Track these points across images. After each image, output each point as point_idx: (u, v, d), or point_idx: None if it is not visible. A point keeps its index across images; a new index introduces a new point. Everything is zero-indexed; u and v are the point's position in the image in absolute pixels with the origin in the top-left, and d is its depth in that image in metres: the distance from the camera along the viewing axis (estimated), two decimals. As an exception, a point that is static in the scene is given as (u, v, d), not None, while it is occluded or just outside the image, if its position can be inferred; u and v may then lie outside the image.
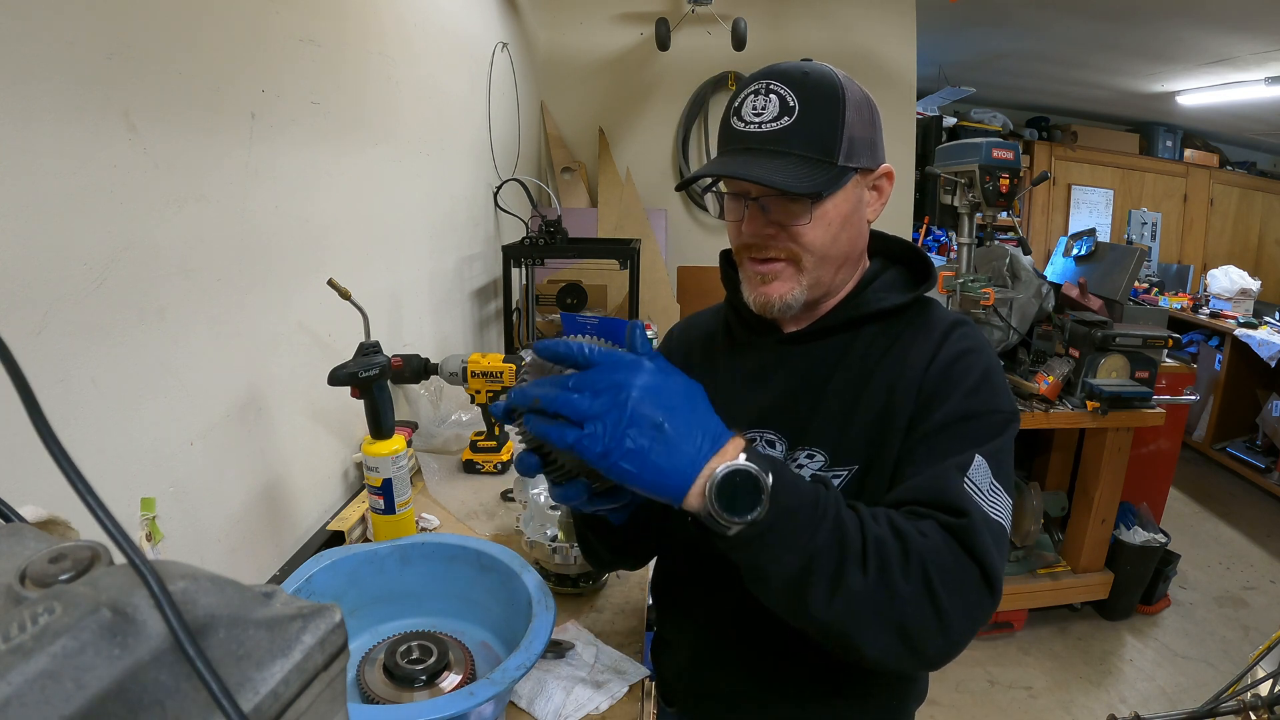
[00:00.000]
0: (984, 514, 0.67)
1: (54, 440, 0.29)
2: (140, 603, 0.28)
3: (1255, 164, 5.93)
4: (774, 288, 0.82)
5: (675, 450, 0.59)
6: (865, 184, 0.82)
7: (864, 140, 0.79)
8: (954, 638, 0.63)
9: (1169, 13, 3.40)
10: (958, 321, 0.83)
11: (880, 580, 0.61)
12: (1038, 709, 2.27)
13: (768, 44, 3.58)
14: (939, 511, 0.67)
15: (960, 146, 2.29)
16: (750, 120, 0.77)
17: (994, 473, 0.71)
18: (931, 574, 0.62)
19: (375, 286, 1.60)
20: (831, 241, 0.80)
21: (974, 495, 0.68)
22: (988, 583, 0.64)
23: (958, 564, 0.63)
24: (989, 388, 0.77)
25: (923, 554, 0.62)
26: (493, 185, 2.58)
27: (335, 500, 1.44)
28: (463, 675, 0.88)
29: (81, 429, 0.81)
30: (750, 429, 0.85)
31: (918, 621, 0.61)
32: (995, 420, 0.75)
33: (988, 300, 2.23)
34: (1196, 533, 3.43)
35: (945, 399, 0.76)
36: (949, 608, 0.61)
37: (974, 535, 0.64)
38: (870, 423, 0.79)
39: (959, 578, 0.63)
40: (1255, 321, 3.94)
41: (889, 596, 0.61)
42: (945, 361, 0.78)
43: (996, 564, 0.65)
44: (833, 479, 0.79)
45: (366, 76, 1.54)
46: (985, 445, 0.72)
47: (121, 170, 0.84)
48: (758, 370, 0.89)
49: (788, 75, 0.77)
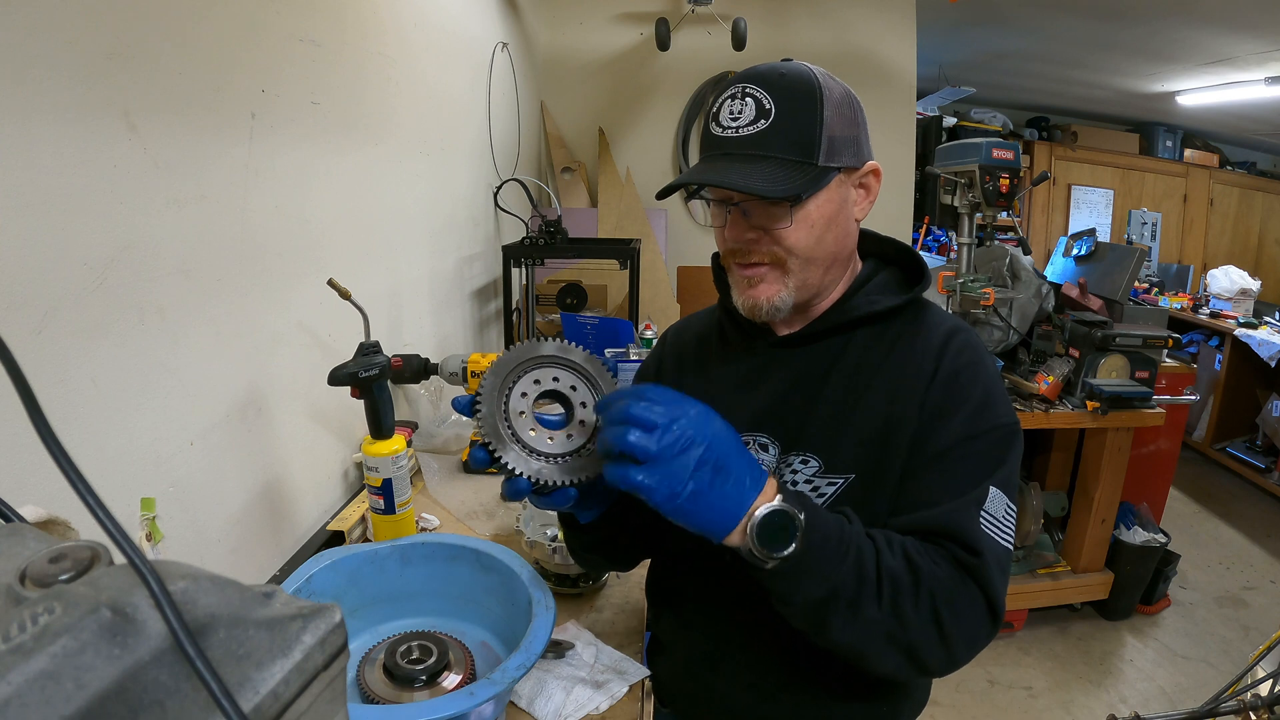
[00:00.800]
0: (995, 550, 0.72)
1: (54, 440, 0.29)
2: (140, 603, 0.28)
3: (1255, 164, 5.93)
4: (761, 290, 0.81)
5: (726, 495, 0.64)
6: (851, 183, 0.81)
7: (845, 139, 0.78)
8: (956, 657, 0.70)
9: (1169, 12, 3.40)
10: (955, 329, 0.83)
11: (893, 609, 0.67)
12: (1038, 709, 2.27)
13: (768, 44, 3.58)
14: (956, 546, 0.71)
15: (960, 146, 2.29)
16: (728, 125, 0.77)
17: (1008, 495, 0.75)
18: (939, 604, 0.68)
19: (375, 286, 1.60)
20: (816, 243, 0.79)
21: (989, 530, 0.72)
22: (991, 611, 0.71)
23: (966, 595, 0.69)
24: (991, 403, 0.78)
25: (933, 586, 0.68)
26: (493, 185, 2.58)
27: (335, 500, 1.44)
28: (463, 675, 0.88)
29: (81, 429, 0.81)
30: (743, 432, 0.85)
31: (924, 644, 0.68)
32: (1000, 436, 0.77)
33: (988, 300, 2.23)
34: (1196, 533, 3.43)
35: (950, 417, 0.77)
36: (953, 632, 0.68)
37: (985, 573, 0.70)
38: (870, 433, 0.79)
39: (965, 607, 0.69)
40: (1255, 321, 3.94)
41: (899, 623, 0.68)
42: (948, 376, 0.78)
43: (1001, 595, 0.71)
44: (827, 486, 0.79)
45: (366, 76, 1.54)
46: (997, 472, 0.75)
47: (121, 170, 0.84)
48: (751, 374, 0.88)
49: (763, 78, 0.77)
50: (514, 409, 0.70)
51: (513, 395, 0.71)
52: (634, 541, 0.91)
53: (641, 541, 0.92)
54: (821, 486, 0.80)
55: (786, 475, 0.81)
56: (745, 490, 0.64)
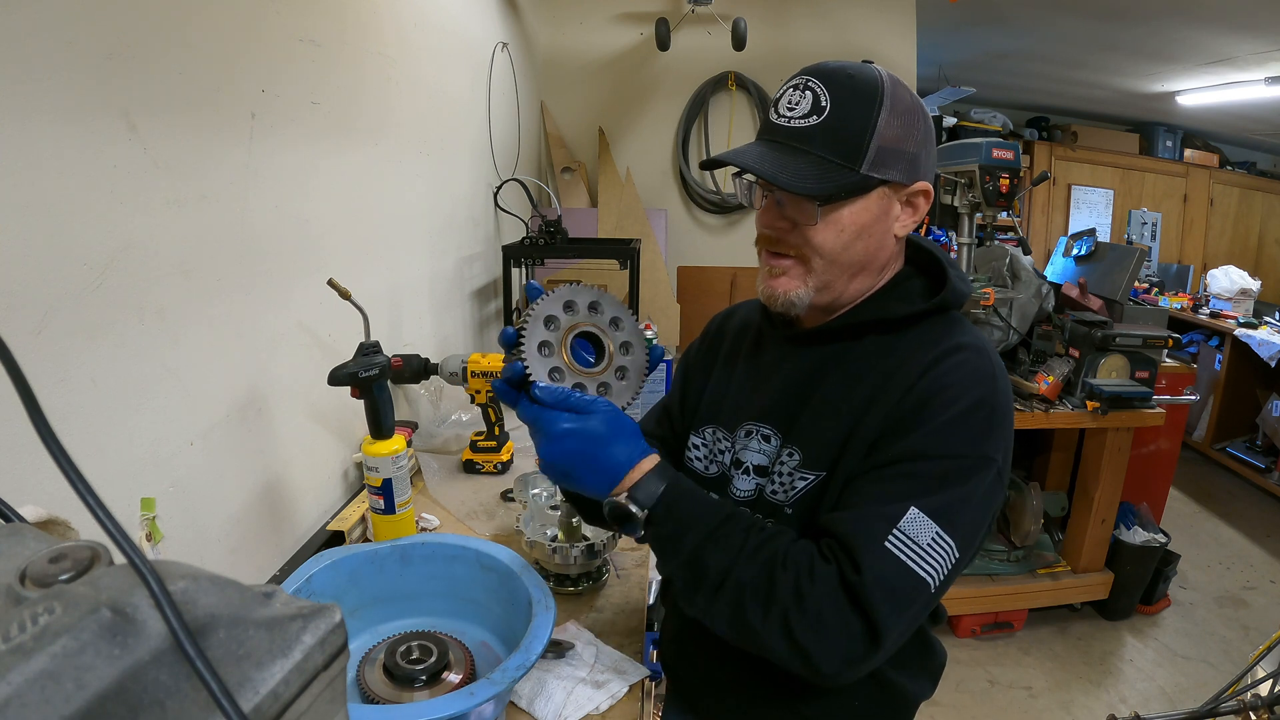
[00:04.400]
0: (893, 572, 0.68)
1: (54, 440, 0.29)
2: (140, 603, 0.28)
3: (1255, 164, 5.92)
4: (780, 282, 0.82)
5: (585, 487, 0.78)
6: (897, 197, 0.79)
7: (899, 152, 0.76)
8: (824, 674, 0.68)
9: (1169, 12, 3.40)
10: (960, 347, 0.78)
11: (736, 614, 0.71)
12: (1038, 709, 2.27)
13: (768, 44, 3.58)
14: (845, 558, 0.69)
15: (960, 146, 2.29)
16: (783, 113, 0.77)
17: (944, 526, 0.69)
18: (793, 619, 0.68)
19: (375, 286, 1.60)
20: (843, 248, 0.78)
21: (897, 550, 0.68)
22: (871, 635, 0.67)
23: (837, 616, 0.68)
24: (962, 428, 0.73)
25: (790, 602, 0.68)
26: (493, 185, 2.58)
27: (335, 500, 1.44)
28: (463, 675, 0.88)
29: (81, 429, 0.81)
30: (750, 421, 0.88)
31: (780, 655, 0.70)
32: (956, 465, 0.72)
33: (988, 300, 2.23)
34: (1196, 533, 3.43)
35: (908, 433, 0.74)
36: (811, 649, 0.68)
37: (865, 594, 0.67)
38: (841, 434, 0.79)
39: (832, 627, 0.67)
40: (1255, 321, 3.94)
41: (744, 627, 0.71)
42: (924, 391, 0.75)
43: (887, 621, 0.67)
44: (800, 480, 0.81)
45: (366, 77, 1.54)
46: (931, 497, 0.70)
47: (121, 170, 0.84)
48: (769, 365, 0.90)
49: (829, 74, 0.76)
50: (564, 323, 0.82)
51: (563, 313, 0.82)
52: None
53: None
54: (796, 480, 0.82)
55: (778, 466, 0.84)
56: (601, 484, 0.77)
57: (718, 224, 3.85)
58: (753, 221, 0.86)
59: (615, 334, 0.83)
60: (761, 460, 0.86)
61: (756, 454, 0.87)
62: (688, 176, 3.74)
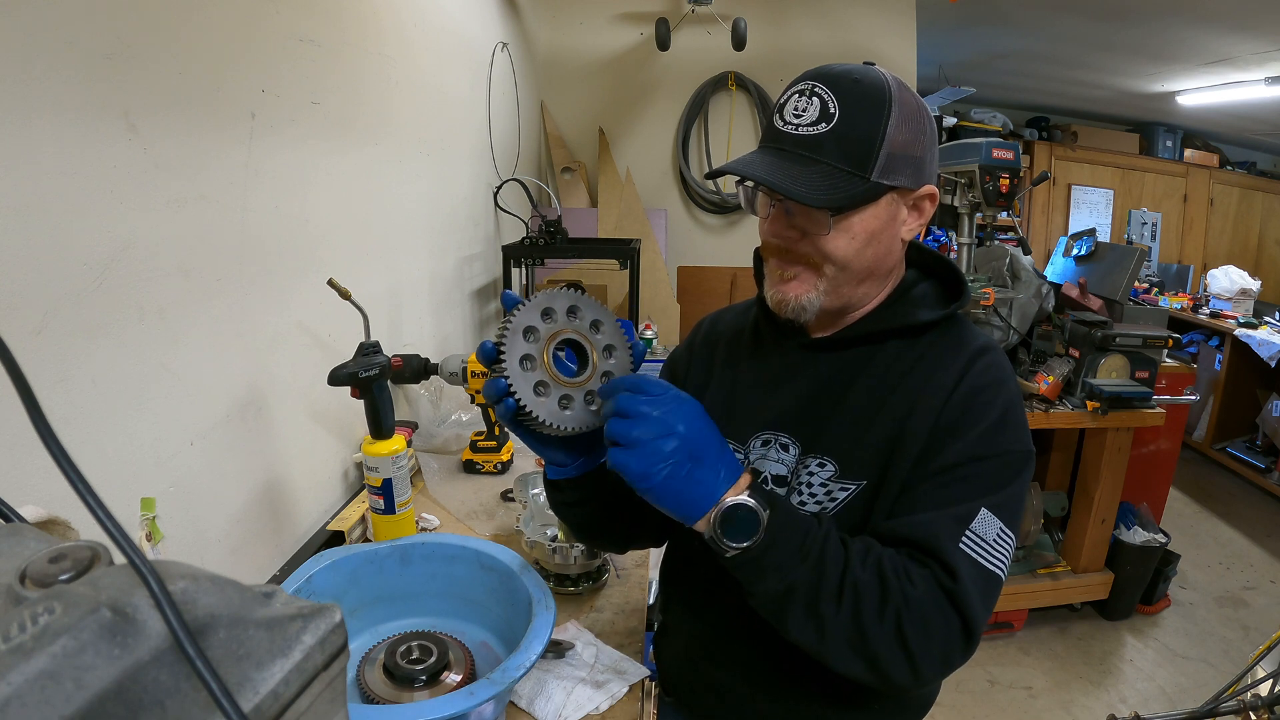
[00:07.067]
0: (977, 572, 0.70)
1: (54, 440, 0.29)
2: (140, 603, 0.28)
3: (1255, 164, 5.92)
4: (791, 287, 0.80)
5: (698, 484, 0.68)
6: (904, 202, 0.79)
7: (907, 157, 0.76)
8: (923, 676, 0.69)
9: (1169, 12, 3.40)
10: (984, 348, 0.81)
11: (853, 618, 0.68)
12: (1038, 709, 2.27)
13: (768, 44, 3.58)
14: (934, 564, 0.70)
15: (960, 146, 2.29)
16: (790, 120, 0.76)
17: (1004, 521, 0.73)
18: (905, 622, 0.68)
19: (375, 286, 1.60)
20: (855, 255, 0.78)
21: (971, 550, 0.71)
22: (967, 633, 0.69)
23: (940, 616, 0.69)
24: (1006, 427, 0.76)
25: (901, 603, 0.68)
26: (493, 185, 2.58)
27: (335, 500, 1.44)
28: (463, 675, 0.88)
29: (81, 429, 0.81)
30: (765, 430, 0.86)
31: (887, 658, 0.68)
32: (1007, 462, 0.75)
33: (988, 300, 2.23)
34: (1196, 533, 3.43)
35: (959, 436, 0.75)
36: (919, 651, 0.68)
37: (961, 595, 0.69)
38: (884, 442, 0.78)
39: (937, 628, 0.68)
40: (1255, 321, 3.94)
41: (860, 633, 0.68)
42: (965, 394, 0.77)
43: (979, 618, 0.70)
44: (840, 490, 0.80)
45: (366, 76, 1.54)
46: (994, 495, 0.73)
47: (121, 170, 0.84)
48: (780, 373, 0.88)
49: (836, 80, 0.74)
50: (544, 332, 0.75)
51: (544, 319, 0.76)
52: (616, 519, 0.89)
53: (635, 525, 0.90)
54: (835, 490, 0.80)
55: (803, 476, 0.82)
56: (718, 481, 0.69)
57: (718, 224, 3.85)
58: (752, 221, 0.85)
59: (597, 337, 0.79)
60: (780, 470, 0.85)
61: (775, 464, 0.85)
62: (688, 176, 3.74)
